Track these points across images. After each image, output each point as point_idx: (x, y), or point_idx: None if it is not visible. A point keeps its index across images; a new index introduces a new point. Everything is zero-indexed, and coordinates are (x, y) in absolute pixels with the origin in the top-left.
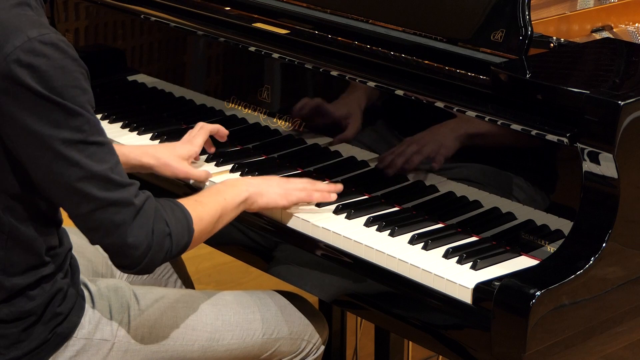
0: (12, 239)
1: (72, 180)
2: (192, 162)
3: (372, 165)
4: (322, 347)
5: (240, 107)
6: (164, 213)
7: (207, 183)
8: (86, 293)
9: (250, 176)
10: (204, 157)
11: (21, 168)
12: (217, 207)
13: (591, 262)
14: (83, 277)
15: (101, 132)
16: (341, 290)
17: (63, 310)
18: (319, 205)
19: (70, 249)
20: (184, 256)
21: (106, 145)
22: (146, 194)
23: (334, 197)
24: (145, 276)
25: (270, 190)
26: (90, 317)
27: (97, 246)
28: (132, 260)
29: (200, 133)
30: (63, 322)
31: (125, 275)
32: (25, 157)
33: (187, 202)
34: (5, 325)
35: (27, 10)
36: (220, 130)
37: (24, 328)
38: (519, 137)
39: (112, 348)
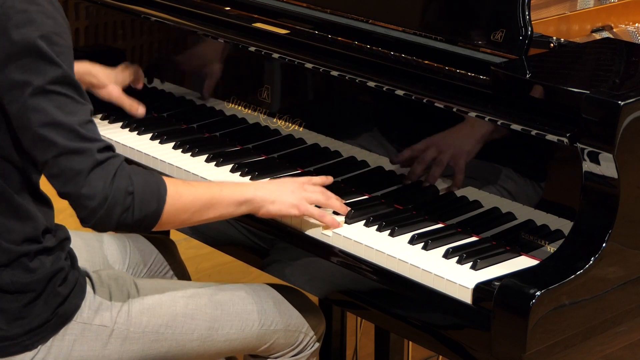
0: (5, 203)
1: (36, 125)
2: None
3: (372, 165)
4: (319, 341)
5: (240, 107)
6: (131, 172)
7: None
8: (87, 280)
9: (268, 179)
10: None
11: (10, 125)
12: (207, 193)
13: (591, 262)
14: (83, 266)
15: (79, 91)
16: (341, 290)
17: (64, 291)
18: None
19: (68, 239)
20: (184, 256)
21: (81, 103)
22: (115, 154)
23: (339, 224)
24: (143, 271)
25: (284, 199)
26: (90, 301)
27: (94, 248)
28: (88, 211)
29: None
30: (64, 303)
31: (125, 269)
32: (6, 105)
33: (173, 179)
34: (6, 296)
35: None
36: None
37: (25, 303)
38: (519, 137)
39: (111, 335)
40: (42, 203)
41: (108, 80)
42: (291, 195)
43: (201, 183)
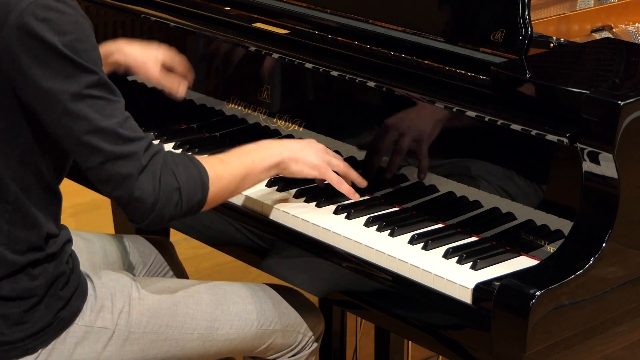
0: (16, 211)
1: (80, 133)
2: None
3: (372, 165)
4: (318, 341)
5: (240, 107)
6: (174, 167)
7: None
8: (88, 282)
9: (291, 139)
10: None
11: (34, 129)
12: (242, 167)
13: (591, 262)
14: (84, 268)
15: (111, 89)
16: (341, 290)
17: (65, 294)
18: (318, 205)
19: (71, 241)
20: (183, 256)
21: (115, 101)
22: (157, 148)
23: (357, 197)
24: (142, 272)
25: (307, 159)
26: (92, 304)
27: (95, 248)
28: (140, 213)
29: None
30: (66, 307)
31: (125, 269)
32: (39, 111)
33: (208, 160)
34: (7, 303)
35: None
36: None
37: (26, 309)
38: (519, 137)
39: (112, 336)
40: (53, 206)
41: (147, 59)
42: (314, 156)
43: (233, 155)
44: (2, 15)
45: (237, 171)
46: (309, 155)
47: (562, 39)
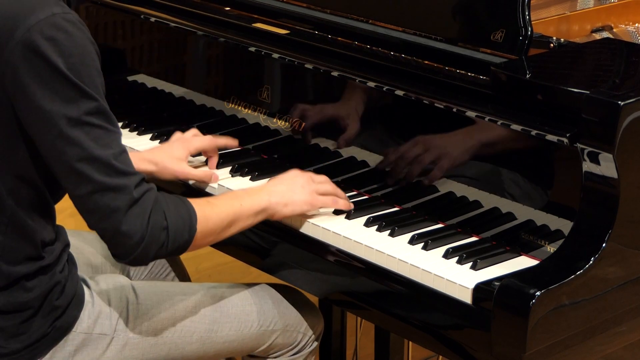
0: (12, 224)
1: (72, 159)
2: (189, 162)
3: (372, 165)
4: (318, 341)
5: (240, 107)
6: (164, 206)
7: (215, 186)
8: (85, 288)
9: (274, 178)
10: (202, 158)
11: (33, 147)
12: (230, 211)
13: (591, 262)
14: (81, 273)
15: (110, 119)
16: (341, 290)
17: (61, 303)
18: None
19: (68, 245)
20: (183, 256)
21: (113, 132)
22: (148, 186)
23: (351, 205)
24: (144, 273)
25: (296, 198)
26: (89, 311)
27: (96, 248)
28: (125, 248)
29: (201, 140)
30: (62, 316)
31: (127, 270)
32: (34, 131)
33: (198, 202)
34: (3, 317)
35: None
36: (229, 143)
37: (22, 320)
38: (519, 137)
39: (111, 342)
40: (49, 215)
41: (169, 161)
42: (302, 192)
43: (221, 199)
44: (9, 30)
45: (224, 214)
46: (296, 194)
47: (562, 39)
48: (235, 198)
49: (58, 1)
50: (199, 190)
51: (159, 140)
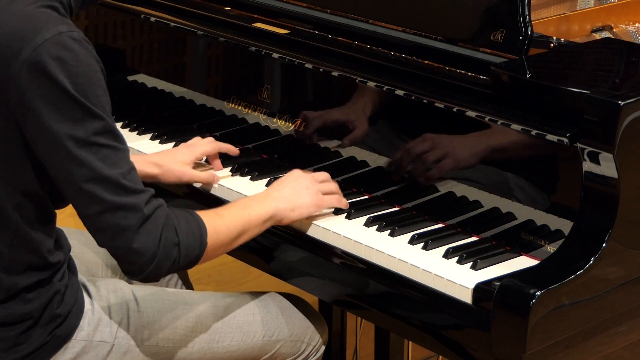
0: (18, 237)
1: (81, 180)
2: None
3: (372, 165)
4: (322, 349)
5: (240, 107)
6: (175, 222)
7: (216, 186)
8: (85, 294)
9: (278, 182)
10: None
11: (39, 165)
12: (239, 222)
13: (591, 262)
14: (82, 277)
15: (118, 137)
16: (341, 290)
17: (62, 312)
18: None
19: (69, 250)
20: None
21: (121, 150)
22: (158, 202)
23: (347, 204)
24: None
25: (302, 201)
26: (89, 318)
27: (99, 249)
28: (137, 266)
29: (205, 144)
30: (62, 324)
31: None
32: (41, 151)
33: (206, 214)
34: (3, 329)
35: (55, 12)
36: (231, 150)
37: (22, 331)
38: (519, 137)
39: (111, 350)
40: (50, 223)
41: (174, 164)
42: (308, 194)
43: (229, 209)
44: (16, 49)
45: (233, 226)
46: (302, 197)
47: (562, 39)
48: (243, 207)
49: (64, 19)
50: (202, 191)
51: (158, 140)
